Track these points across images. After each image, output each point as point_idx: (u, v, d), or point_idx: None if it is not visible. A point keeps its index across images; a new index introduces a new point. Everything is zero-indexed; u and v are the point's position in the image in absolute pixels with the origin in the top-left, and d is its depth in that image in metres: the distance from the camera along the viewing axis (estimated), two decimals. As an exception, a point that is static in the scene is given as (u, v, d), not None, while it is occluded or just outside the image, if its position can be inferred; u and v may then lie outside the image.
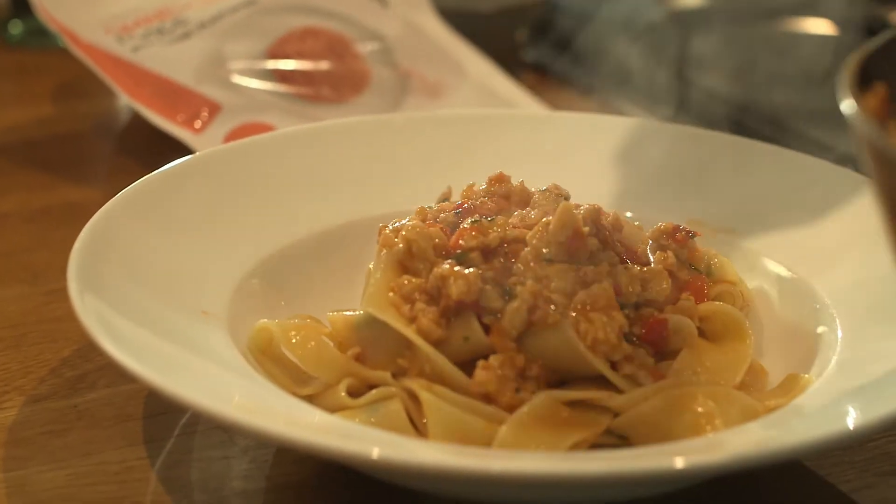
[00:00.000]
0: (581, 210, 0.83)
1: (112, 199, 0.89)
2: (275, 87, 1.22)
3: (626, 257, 0.84)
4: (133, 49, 1.21)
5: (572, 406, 0.78)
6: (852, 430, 0.72)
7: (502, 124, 1.05)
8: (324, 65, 1.25)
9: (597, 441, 0.77)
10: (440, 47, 1.31)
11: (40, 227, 1.11)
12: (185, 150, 1.14)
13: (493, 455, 0.74)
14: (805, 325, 0.87)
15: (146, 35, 1.22)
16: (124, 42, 1.21)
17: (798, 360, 0.85)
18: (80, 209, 0.95)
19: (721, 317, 0.85)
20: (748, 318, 0.86)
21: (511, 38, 1.42)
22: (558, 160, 1.00)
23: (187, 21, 1.24)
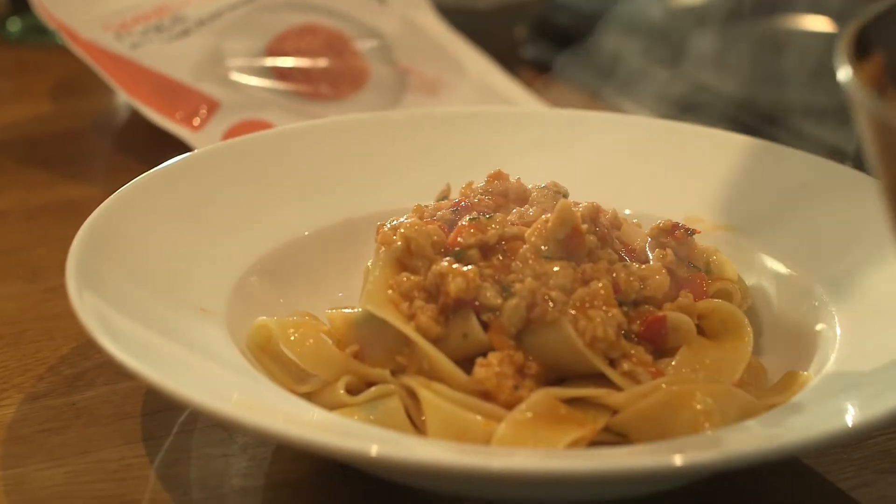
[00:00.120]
0: (580, 207, 0.83)
1: (111, 197, 0.89)
2: (273, 84, 1.22)
3: (625, 255, 0.84)
4: (132, 46, 1.21)
5: (571, 403, 0.78)
6: (851, 427, 0.72)
7: (501, 121, 1.05)
8: (322, 62, 1.25)
9: (595, 438, 0.77)
10: (439, 44, 1.31)
11: (39, 224, 1.11)
12: (184, 147, 1.14)
13: (492, 452, 0.74)
14: (804, 323, 0.87)
15: (145, 32, 1.22)
16: (123, 39, 1.21)
17: (797, 358, 0.85)
18: (79, 207, 0.94)
19: (720, 314, 0.85)
20: (747, 315, 0.86)
21: (510, 36, 1.42)
22: (557, 157, 1.00)
23: (186, 18, 1.24)
